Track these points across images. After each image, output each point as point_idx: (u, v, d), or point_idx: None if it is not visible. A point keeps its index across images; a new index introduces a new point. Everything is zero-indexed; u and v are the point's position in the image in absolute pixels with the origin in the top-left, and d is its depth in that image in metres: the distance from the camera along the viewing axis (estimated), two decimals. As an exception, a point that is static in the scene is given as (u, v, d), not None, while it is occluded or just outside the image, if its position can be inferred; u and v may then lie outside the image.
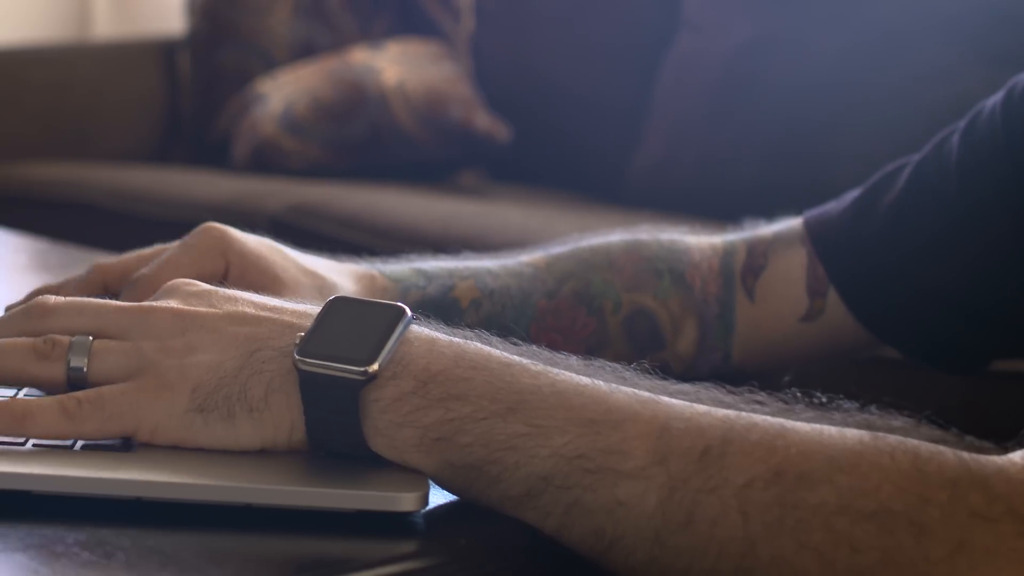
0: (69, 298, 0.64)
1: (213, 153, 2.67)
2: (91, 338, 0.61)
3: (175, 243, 0.80)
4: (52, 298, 0.64)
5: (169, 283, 0.65)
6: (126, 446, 0.60)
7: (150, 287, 0.76)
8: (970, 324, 0.82)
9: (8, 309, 0.80)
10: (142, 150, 2.81)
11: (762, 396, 0.60)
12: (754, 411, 0.58)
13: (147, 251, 0.81)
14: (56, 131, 2.75)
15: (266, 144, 2.52)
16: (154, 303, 0.63)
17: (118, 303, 0.63)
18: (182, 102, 2.84)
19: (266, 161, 2.51)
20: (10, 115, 2.68)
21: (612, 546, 0.55)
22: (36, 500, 0.56)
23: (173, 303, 0.62)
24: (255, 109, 2.56)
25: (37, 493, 0.56)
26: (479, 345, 0.60)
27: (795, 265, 0.86)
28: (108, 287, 0.80)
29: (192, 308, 0.62)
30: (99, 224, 2.30)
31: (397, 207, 2.08)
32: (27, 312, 0.64)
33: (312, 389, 0.58)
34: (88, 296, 0.79)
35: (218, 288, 0.64)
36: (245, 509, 0.56)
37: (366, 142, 2.48)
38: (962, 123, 0.84)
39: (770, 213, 1.05)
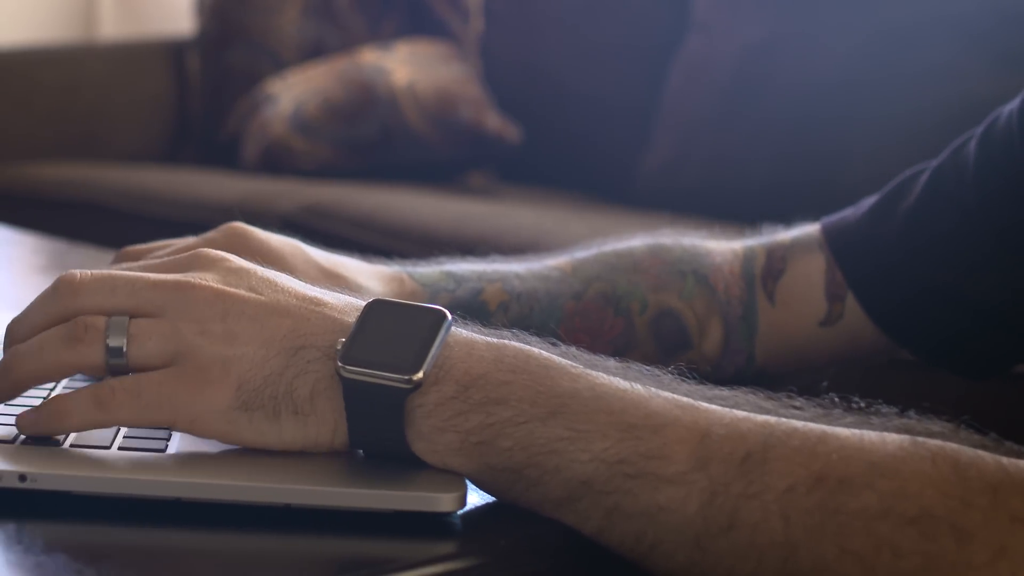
0: (99, 273, 0.62)
1: (222, 154, 2.68)
2: (128, 318, 0.60)
3: (198, 237, 0.80)
4: (79, 273, 0.61)
5: (204, 252, 0.63)
6: (160, 447, 0.61)
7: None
8: (989, 328, 0.83)
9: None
10: (151, 150, 2.81)
11: (800, 401, 0.60)
12: (792, 416, 0.58)
13: (177, 242, 0.81)
14: (65, 131, 2.76)
15: (276, 144, 2.52)
16: (191, 279, 0.61)
17: (153, 277, 0.61)
18: (191, 102, 2.85)
19: (276, 161, 2.52)
20: (20, 115, 2.69)
21: (652, 550, 0.55)
22: (76, 501, 0.56)
23: (211, 279, 0.61)
24: (265, 109, 2.57)
25: (77, 494, 0.57)
26: (517, 346, 0.60)
27: (814, 270, 0.87)
28: None
29: (232, 290, 0.60)
30: (109, 224, 2.30)
31: (410, 208, 2.08)
32: (56, 292, 0.61)
33: (356, 396, 0.58)
34: None
35: (256, 268, 0.62)
36: (283, 509, 0.57)
37: (376, 143, 2.48)
38: (979, 129, 0.85)
39: (780, 213, 1.05)
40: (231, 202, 2.21)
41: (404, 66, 2.51)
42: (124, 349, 0.59)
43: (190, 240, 0.80)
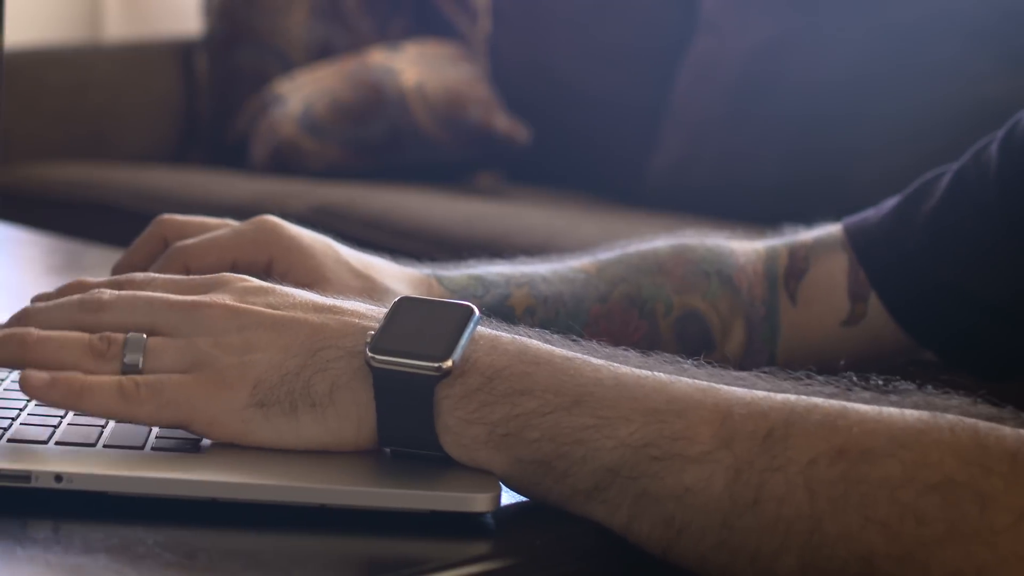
0: (122, 292, 0.63)
1: (231, 154, 2.68)
2: (145, 335, 0.61)
3: (232, 225, 0.81)
4: (107, 292, 0.63)
5: (220, 276, 0.65)
6: (193, 447, 0.61)
7: (187, 258, 0.78)
8: (1011, 330, 0.83)
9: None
10: (159, 151, 2.81)
11: (819, 379, 0.61)
12: (811, 394, 0.59)
13: (214, 221, 0.82)
14: (73, 132, 2.76)
15: (285, 145, 2.52)
16: (207, 299, 0.62)
17: (172, 298, 0.63)
18: (199, 103, 2.85)
19: (285, 162, 2.52)
20: (28, 115, 2.69)
21: (682, 533, 0.56)
22: (110, 501, 0.57)
23: (227, 299, 0.62)
24: (274, 110, 2.57)
25: (113, 494, 0.57)
26: (539, 342, 0.61)
27: (837, 270, 0.87)
28: (168, 243, 0.81)
29: (248, 306, 0.61)
30: (117, 224, 2.29)
31: (420, 208, 2.09)
32: (82, 305, 0.63)
33: (386, 386, 0.58)
34: (152, 250, 0.80)
35: (274, 285, 0.63)
36: (318, 510, 0.57)
37: (385, 143, 2.49)
38: (1000, 132, 0.85)
39: (790, 211, 1.05)
40: (241, 202, 2.21)
41: (413, 67, 2.52)
42: (140, 365, 0.61)
43: (226, 222, 0.81)
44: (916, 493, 0.53)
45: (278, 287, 0.63)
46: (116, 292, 0.64)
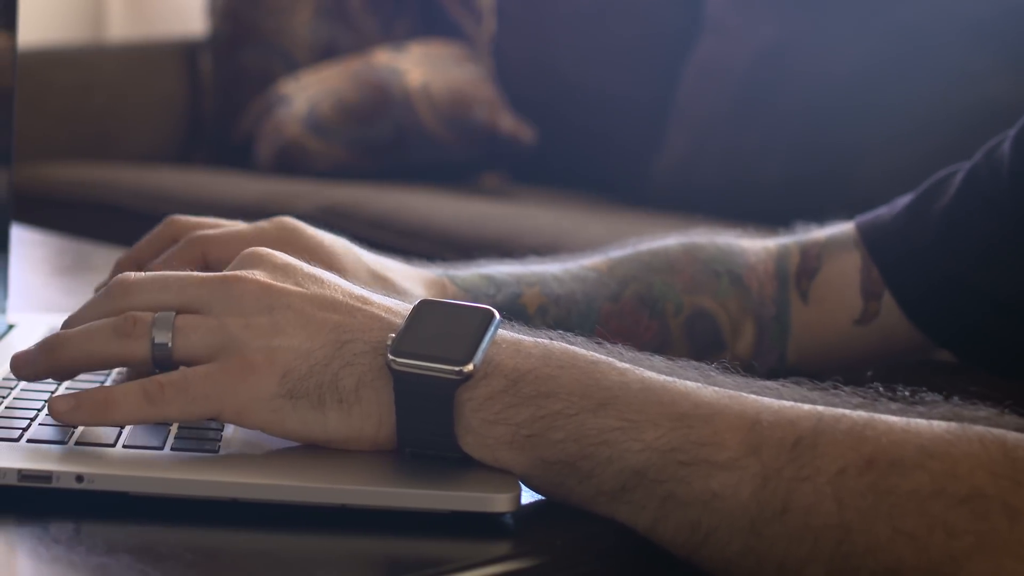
0: (150, 274, 0.63)
1: (235, 154, 2.68)
2: (174, 313, 0.61)
3: (250, 224, 0.81)
4: (132, 275, 0.63)
5: (252, 250, 0.65)
6: (213, 448, 0.61)
7: (208, 247, 0.78)
8: None
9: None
10: (164, 151, 2.81)
11: (846, 390, 0.61)
12: (838, 405, 0.59)
13: (226, 222, 0.82)
14: (78, 132, 2.76)
15: (291, 145, 2.52)
16: (239, 272, 0.62)
17: (201, 275, 0.63)
18: (204, 103, 2.85)
19: (291, 162, 2.52)
20: (34, 116, 2.69)
21: (708, 538, 0.56)
22: (131, 501, 0.57)
23: (258, 274, 0.62)
24: (279, 110, 2.57)
25: (134, 494, 0.57)
26: (564, 345, 0.60)
27: (849, 268, 0.87)
28: (177, 241, 0.80)
29: (278, 284, 0.61)
30: (123, 224, 2.30)
31: (427, 208, 2.09)
32: (109, 293, 0.63)
33: (406, 389, 0.59)
34: (159, 249, 0.79)
35: (303, 264, 0.64)
36: (338, 510, 0.57)
37: (391, 143, 2.49)
38: (1012, 131, 0.85)
39: (794, 211, 1.05)
40: (247, 203, 2.21)
41: (418, 67, 2.52)
42: (169, 344, 0.60)
43: (240, 224, 0.81)
44: (946, 505, 0.53)
45: (306, 266, 0.64)
46: (142, 273, 0.63)
